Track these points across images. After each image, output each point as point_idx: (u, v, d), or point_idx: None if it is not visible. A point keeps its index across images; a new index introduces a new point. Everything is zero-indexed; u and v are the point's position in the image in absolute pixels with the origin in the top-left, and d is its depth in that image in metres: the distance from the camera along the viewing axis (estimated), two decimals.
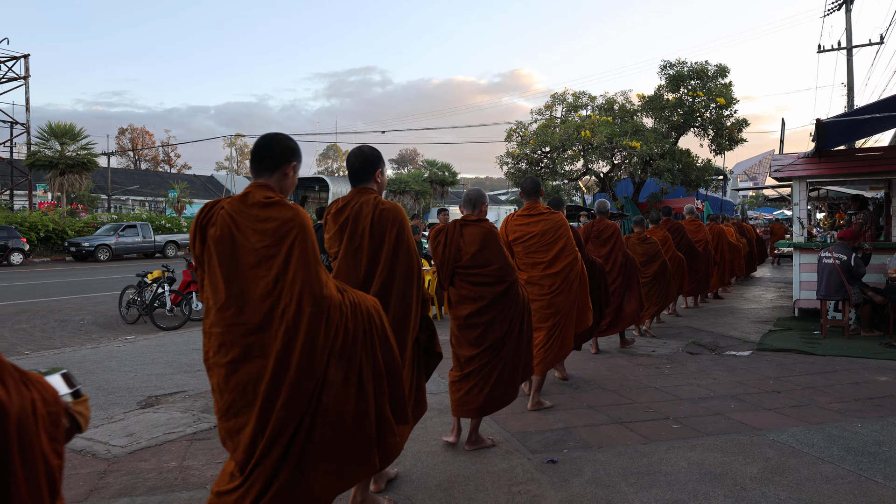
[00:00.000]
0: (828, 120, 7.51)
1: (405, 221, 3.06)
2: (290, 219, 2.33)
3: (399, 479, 3.58)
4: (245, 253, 2.31)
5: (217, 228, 2.33)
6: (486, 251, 3.95)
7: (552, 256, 4.75)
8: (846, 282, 7.39)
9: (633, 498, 3.31)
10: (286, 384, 2.28)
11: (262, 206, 2.35)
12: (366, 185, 3.17)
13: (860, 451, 3.89)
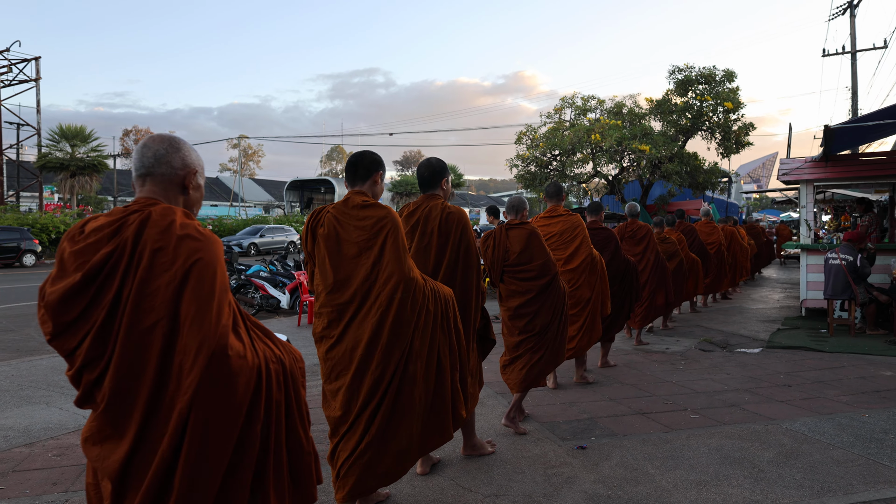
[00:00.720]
0: (836, 126, 7.81)
1: (468, 223, 3.57)
2: (383, 216, 2.90)
3: (442, 462, 3.88)
4: (348, 246, 2.90)
5: (325, 228, 2.94)
6: (529, 250, 4.44)
7: (570, 253, 5.28)
8: (852, 282, 7.68)
9: (661, 478, 3.61)
10: (378, 352, 2.80)
11: (361, 208, 2.94)
12: (433, 192, 3.68)
13: (868, 438, 4.19)
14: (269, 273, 11.71)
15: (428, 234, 3.51)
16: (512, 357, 4.53)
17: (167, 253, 1.66)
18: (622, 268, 6.11)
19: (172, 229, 1.69)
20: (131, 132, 70.40)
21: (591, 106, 18.42)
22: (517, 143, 18.76)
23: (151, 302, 1.64)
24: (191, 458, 1.63)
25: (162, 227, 1.69)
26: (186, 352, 1.63)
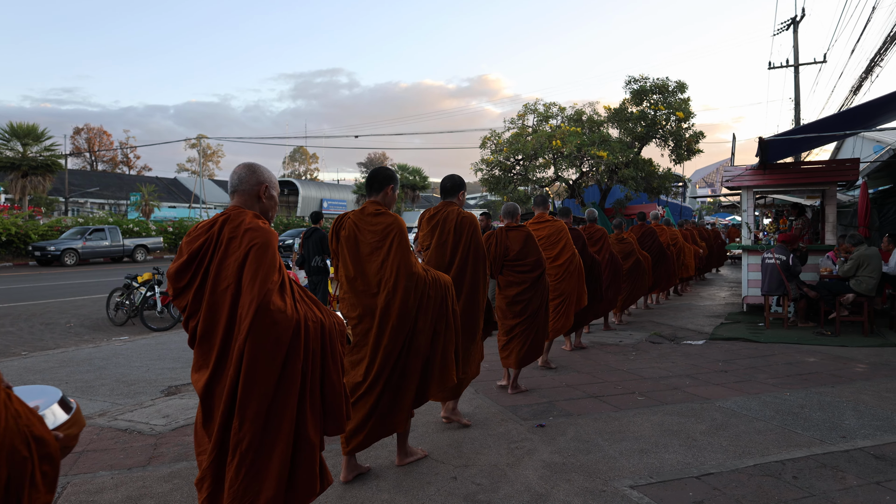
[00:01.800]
0: (769, 138, 8.56)
1: (477, 225, 4.49)
2: (391, 223, 3.64)
3: (417, 440, 4.36)
4: (363, 245, 3.65)
5: (346, 230, 3.70)
6: (525, 248, 5.38)
7: (556, 252, 6.21)
8: (785, 279, 8.43)
9: (609, 448, 4.16)
10: (388, 330, 3.56)
11: (374, 215, 3.67)
12: (451, 200, 4.55)
13: (786, 412, 4.83)
14: None
15: (445, 233, 4.38)
16: (509, 338, 5.37)
17: (236, 241, 2.41)
18: (588, 262, 6.98)
19: (242, 226, 2.44)
20: (83, 130, 68.19)
21: (553, 113, 19.13)
22: (482, 148, 19.38)
23: (225, 273, 2.40)
24: (245, 379, 2.30)
25: (235, 224, 2.45)
26: (243, 305, 2.34)
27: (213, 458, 2.38)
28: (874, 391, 5.41)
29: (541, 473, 3.77)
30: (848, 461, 3.86)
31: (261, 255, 2.38)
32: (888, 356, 6.79)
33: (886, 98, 7.68)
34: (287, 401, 2.39)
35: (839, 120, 8.76)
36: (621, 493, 3.46)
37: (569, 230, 6.77)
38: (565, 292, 6.23)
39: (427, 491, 3.55)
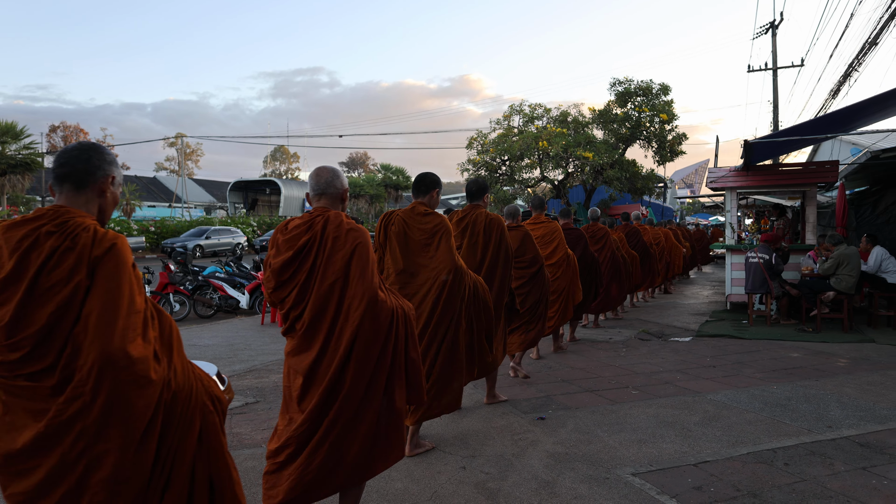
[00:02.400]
0: (754, 141, 8.83)
1: (504, 226, 4.91)
2: (439, 223, 4.03)
3: (423, 435, 4.51)
4: (412, 242, 4.03)
5: (396, 226, 4.04)
6: (523, 246, 5.71)
7: (550, 251, 6.57)
8: (768, 278, 8.71)
9: (608, 439, 4.35)
10: (435, 317, 3.97)
11: (423, 215, 4.07)
12: (477, 203, 4.96)
13: (775, 404, 5.06)
14: (226, 274, 12.00)
15: (475, 234, 4.81)
16: (511, 329, 5.70)
17: (340, 239, 2.73)
18: (589, 261, 7.31)
19: (343, 225, 2.77)
20: (59, 128, 67.08)
21: (539, 114, 19.36)
22: (468, 148, 19.56)
23: (333, 268, 2.71)
24: (356, 361, 2.70)
25: (336, 224, 2.76)
26: (354, 297, 2.69)
27: (304, 429, 2.71)
28: (856, 384, 5.67)
29: (546, 462, 3.94)
30: (835, 449, 4.08)
31: (364, 252, 2.74)
32: (867, 351, 7.07)
33: (864, 103, 7.97)
34: (380, 377, 2.79)
35: (820, 124, 9.06)
36: (624, 480, 3.64)
37: (571, 230, 7.20)
38: (559, 289, 6.58)
39: (438, 480, 3.71)
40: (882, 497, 3.36)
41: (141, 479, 1.78)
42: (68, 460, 1.70)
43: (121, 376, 1.71)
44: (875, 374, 6.04)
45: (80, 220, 1.82)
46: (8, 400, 1.76)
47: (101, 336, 1.70)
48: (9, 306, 1.71)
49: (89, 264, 1.76)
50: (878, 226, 13.33)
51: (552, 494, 3.48)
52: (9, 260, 1.74)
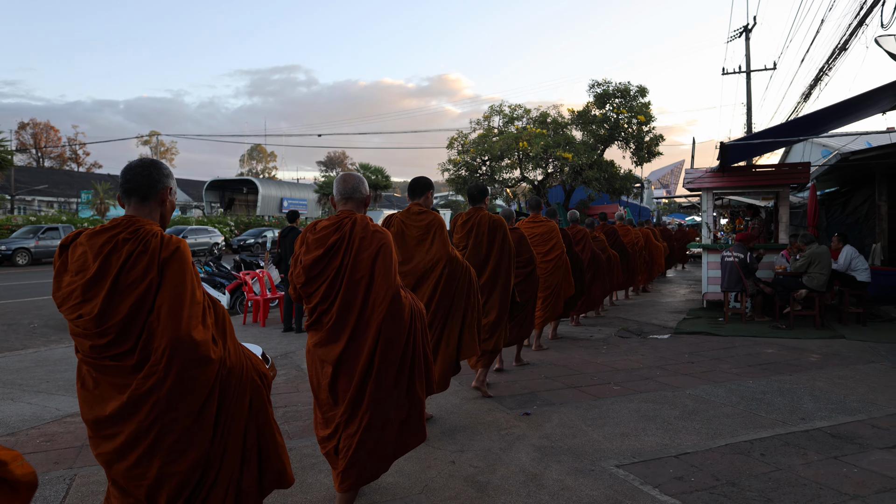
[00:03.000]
0: (729, 143, 9.06)
1: (506, 227, 5.34)
2: (432, 220, 4.44)
3: None
4: (409, 238, 4.46)
5: (395, 227, 4.47)
6: (520, 246, 5.99)
7: (547, 249, 6.92)
8: (743, 276, 8.95)
9: (592, 433, 4.48)
10: (434, 303, 4.37)
11: (418, 214, 4.48)
12: (479, 206, 5.38)
13: (750, 398, 5.24)
14: (206, 274, 11.93)
15: (480, 235, 5.21)
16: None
17: (367, 240, 3.03)
18: (574, 259, 7.61)
19: (368, 227, 3.07)
20: (28, 125, 65.70)
21: (518, 115, 19.53)
22: (449, 148, 19.67)
23: (359, 266, 3.00)
24: (382, 352, 3.01)
25: (363, 226, 3.07)
26: (378, 293, 2.99)
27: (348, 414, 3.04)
28: (827, 378, 5.88)
29: (532, 456, 4.06)
30: (808, 440, 4.26)
31: (388, 252, 3.04)
32: (838, 347, 7.32)
33: (834, 107, 8.22)
34: (405, 366, 3.13)
35: (792, 126, 9.32)
36: (609, 472, 3.77)
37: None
38: (553, 284, 6.95)
39: (429, 474, 3.80)
40: (852, 484, 3.54)
41: (203, 442, 2.16)
42: (144, 426, 2.09)
43: (187, 356, 2.08)
44: (845, 368, 6.27)
45: (149, 227, 2.17)
46: (97, 376, 2.15)
47: (171, 324, 2.07)
48: (97, 301, 2.07)
49: (159, 265, 2.11)
50: (848, 225, 13.72)
51: (539, 486, 3.60)
52: (93, 263, 2.10)
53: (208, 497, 2.19)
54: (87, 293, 2.09)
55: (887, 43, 9.47)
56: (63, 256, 2.18)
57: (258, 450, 2.35)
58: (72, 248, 2.17)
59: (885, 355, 6.80)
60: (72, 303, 2.11)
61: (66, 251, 2.18)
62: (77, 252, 2.15)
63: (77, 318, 2.10)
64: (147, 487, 2.13)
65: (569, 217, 8.95)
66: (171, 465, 2.12)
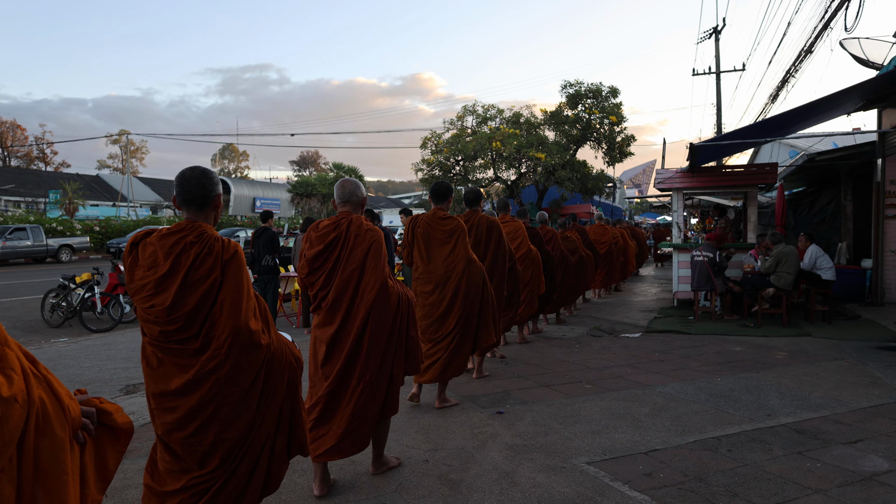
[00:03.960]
0: (699, 144, 9.21)
1: (500, 227, 5.85)
2: (456, 225, 5.04)
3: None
4: (434, 241, 5.02)
5: (420, 229, 5.05)
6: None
7: (515, 246, 7.05)
8: (712, 275, 9.10)
9: (564, 431, 4.53)
10: (458, 301, 4.99)
11: (442, 219, 5.06)
12: (476, 208, 5.85)
13: (719, 395, 5.34)
14: None
15: (479, 234, 5.72)
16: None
17: (360, 237, 3.50)
18: (545, 258, 7.76)
19: (362, 227, 3.54)
20: None
21: (492, 115, 19.61)
22: (422, 148, 19.66)
23: (353, 259, 3.49)
24: (371, 333, 3.48)
25: (357, 225, 3.54)
26: (368, 282, 3.48)
27: (330, 388, 3.48)
28: (793, 375, 6.01)
29: (505, 454, 4.08)
30: (774, 436, 4.35)
31: (378, 248, 3.53)
32: (804, 345, 7.48)
33: (800, 108, 8.42)
34: (391, 347, 3.57)
35: (760, 127, 9.51)
36: (580, 469, 3.82)
37: (528, 228, 7.57)
38: (524, 281, 7.10)
39: (402, 472, 3.81)
40: (816, 478, 3.62)
41: (250, 412, 2.53)
42: (204, 401, 2.44)
43: (244, 343, 2.44)
44: (811, 365, 6.41)
45: (210, 232, 2.51)
46: (162, 357, 2.47)
47: (233, 316, 2.42)
48: (168, 293, 2.38)
49: (222, 266, 2.44)
50: (815, 225, 14.03)
51: (512, 484, 3.62)
52: (164, 261, 2.41)
53: (245, 456, 2.55)
54: (160, 287, 2.39)
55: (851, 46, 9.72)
56: (133, 253, 2.48)
57: (289, 420, 2.73)
58: (141, 246, 2.47)
59: (850, 352, 6.97)
60: (144, 294, 2.42)
61: (136, 249, 2.48)
62: (147, 250, 2.45)
63: (149, 308, 2.41)
64: (202, 453, 2.47)
65: (538, 218, 9.02)
66: (223, 432, 2.48)
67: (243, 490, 2.57)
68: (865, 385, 5.62)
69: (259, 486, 2.62)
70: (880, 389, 5.47)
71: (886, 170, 10.27)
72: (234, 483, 2.53)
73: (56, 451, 1.67)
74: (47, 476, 1.64)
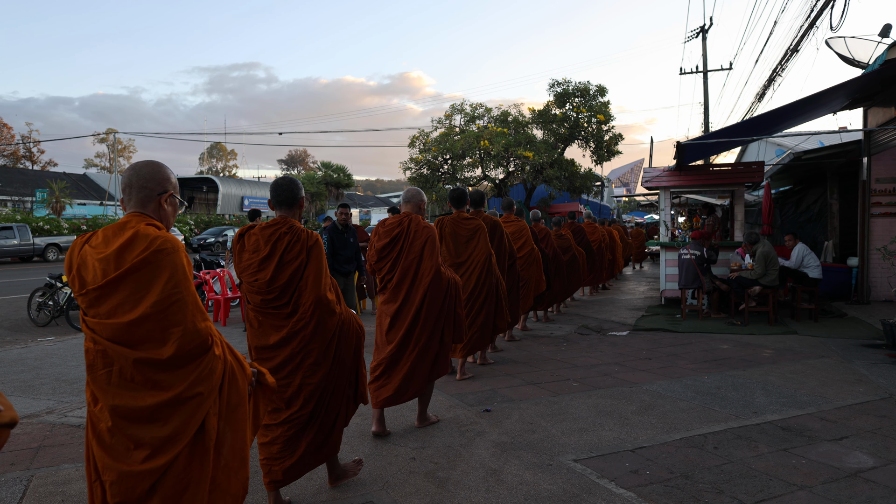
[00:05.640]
0: (686, 142, 9.24)
1: (503, 227, 6.40)
2: (478, 225, 5.80)
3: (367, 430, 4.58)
4: (459, 238, 5.77)
5: (448, 228, 5.76)
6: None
7: (519, 245, 7.34)
8: (700, 273, 9.13)
9: (551, 428, 4.52)
10: (481, 285, 5.77)
11: (465, 220, 5.80)
12: (480, 209, 6.22)
13: (705, 393, 5.35)
14: None
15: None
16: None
17: (419, 232, 4.41)
18: (542, 255, 7.91)
19: (420, 224, 4.46)
20: None
21: (480, 113, 19.59)
22: (410, 147, 19.62)
23: (413, 250, 4.40)
24: (426, 310, 4.37)
25: (416, 223, 4.45)
26: (425, 269, 4.37)
27: (392, 353, 4.38)
28: (779, 373, 6.04)
29: (492, 452, 4.07)
30: (760, 433, 4.36)
31: (433, 242, 4.44)
32: (790, 342, 7.52)
33: (787, 107, 8.46)
34: (441, 320, 4.46)
35: (747, 126, 9.55)
36: (566, 466, 3.81)
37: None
38: (525, 279, 7.34)
39: (389, 470, 3.79)
40: (801, 475, 3.64)
41: (328, 365, 3.26)
42: (294, 353, 3.19)
43: (324, 309, 3.19)
44: (797, 363, 6.45)
45: (298, 225, 3.26)
46: (262, 319, 3.26)
47: (315, 288, 3.16)
48: (268, 271, 3.15)
49: (307, 250, 3.17)
50: (801, 223, 14.13)
51: (499, 481, 3.61)
52: (264, 247, 3.18)
53: (331, 402, 3.30)
54: (262, 265, 3.17)
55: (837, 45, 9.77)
56: (241, 241, 3.28)
57: (356, 375, 3.45)
58: (247, 236, 3.27)
59: (836, 350, 7.02)
60: (250, 271, 3.20)
61: (243, 238, 3.28)
62: (251, 239, 3.25)
63: (254, 281, 3.19)
64: (290, 395, 3.20)
65: (531, 216, 9.02)
66: (307, 378, 3.22)
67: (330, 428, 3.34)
68: (851, 382, 5.65)
69: (340, 424, 3.39)
70: (865, 387, 5.50)
71: (872, 168, 10.36)
72: (321, 421, 3.28)
73: (239, 397, 2.32)
74: (234, 415, 2.29)
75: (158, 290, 2.06)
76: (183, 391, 2.11)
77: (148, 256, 2.07)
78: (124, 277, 2.06)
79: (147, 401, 2.08)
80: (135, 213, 2.22)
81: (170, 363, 2.09)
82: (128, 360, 2.07)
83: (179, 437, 2.10)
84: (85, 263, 2.12)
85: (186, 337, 2.09)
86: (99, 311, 2.08)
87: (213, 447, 2.18)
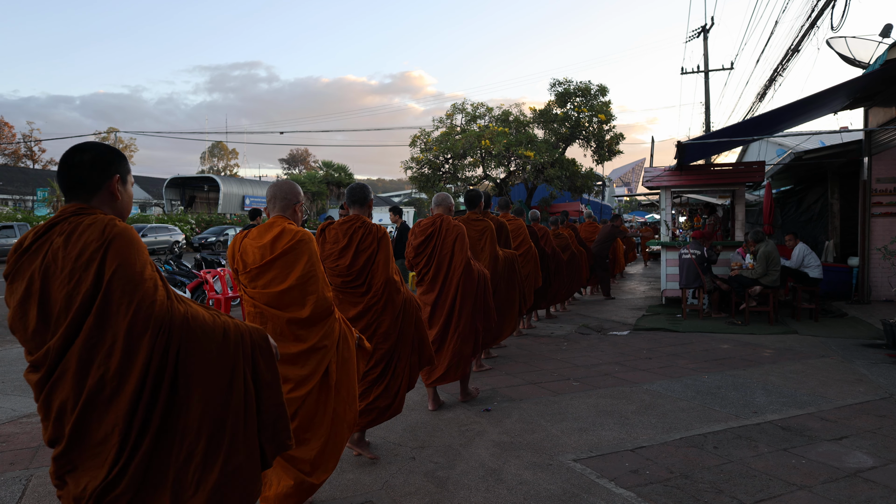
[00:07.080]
0: (687, 142, 9.24)
1: (507, 227, 6.71)
2: (486, 226, 6.06)
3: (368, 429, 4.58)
4: (470, 238, 5.60)
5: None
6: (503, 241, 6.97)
7: (517, 243, 7.37)
8: (700, 272, 9.12)
9: (551, 428, 4.52)
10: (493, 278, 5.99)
11: (475, 220, 6.04)
12: (487, 210, 6.56)
13: (706, 393, 5.35)
14: (167, 273, 11.69)
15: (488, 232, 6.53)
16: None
17: (450, 231, 5.02)
18: (541, 254, 8.03)
19: (451, 223, 5.06)
20: None
21: (481, 113, 19.58)
22: (411, 146, 19.62)
23: (446, 245, 5.02)
24: (461, 298, 5.00)
25: (447, 222, 5.05)
26: (457, 262, 5.00)
27: (435, 338, 4.93)
28: (780, 373, 6.04)
29: (492, 452, 4.07)
30: (759, 432, 4.36)
31: (463, 239, 5.03)
32: (790, 342, 7.52)
33: (788, 107, 8.45)
34: (475, 309, 5.06)
35: (748, 126, 9.54)
36: (566, 466, 3.81)
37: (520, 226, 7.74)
38: (528, 276, 7.35)
39: (389, 470, 3.79)
40: (801, 475, 3.64)
41: (396, 333, 3.95)
42: (369, 323, 3.85)
43: (391, 288, 3.88)
44: (797, 363, 6.44)
45: (369, 221, 3.93)
46: (342, 297, 3.87)
47: (384, 271, 3.85)
48: (347, 257, 3.80)
49: (378, 240, 3.83)
50: (802, 223, 14.12)
51: (498, 481, 3.61)
52: (343, 238, 3.85)
53: (398, 365, 3.96)
54: (342, 254, 3.83)
55: (838, 44, 9.76)
56: (323, 234, 3.95)
57: (420, 343, 4.16)
58: (328, 230, 3.94)
59: (836, 350, 7.01)
60: (332, 258, 3.84)
61: (325, 232, 3.96)
62: (332, 232, 3.93)
63: (335, 266, 3.83)
64: (367, 357, 3.58)
65: (530, 216, 9.03)
66: (380, 343, 3.87)
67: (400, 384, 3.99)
68: (851, 382, 5.65)
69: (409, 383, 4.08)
70: (865, 387, 5.50)
71: (873, 168, 10.35)
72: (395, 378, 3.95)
73: (350, 352, 3.12)
74: (346, 366, 3.09)
75: (301, 267, 2.87)
76: (315, 343, 2.93)
77: (294, 244, 2.88)
78: (277, 259, 2.86)
79: (291, 349, 2.90)
80: (278, 216, 3.04)
81: (307, 321, 2.92)
82: (281, 320, 2.87)
83: (312, 377, 2.92)
84: (246, 251, 2.93)
85: (319, 302, 2.92)
86: (257, 283, 2.89)
87: (333, 386, 3.01)
